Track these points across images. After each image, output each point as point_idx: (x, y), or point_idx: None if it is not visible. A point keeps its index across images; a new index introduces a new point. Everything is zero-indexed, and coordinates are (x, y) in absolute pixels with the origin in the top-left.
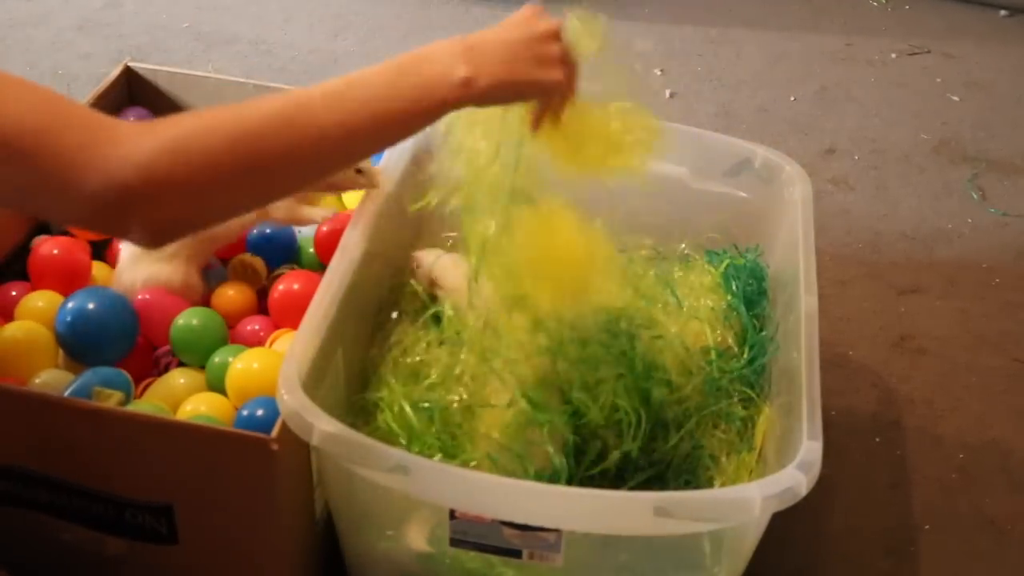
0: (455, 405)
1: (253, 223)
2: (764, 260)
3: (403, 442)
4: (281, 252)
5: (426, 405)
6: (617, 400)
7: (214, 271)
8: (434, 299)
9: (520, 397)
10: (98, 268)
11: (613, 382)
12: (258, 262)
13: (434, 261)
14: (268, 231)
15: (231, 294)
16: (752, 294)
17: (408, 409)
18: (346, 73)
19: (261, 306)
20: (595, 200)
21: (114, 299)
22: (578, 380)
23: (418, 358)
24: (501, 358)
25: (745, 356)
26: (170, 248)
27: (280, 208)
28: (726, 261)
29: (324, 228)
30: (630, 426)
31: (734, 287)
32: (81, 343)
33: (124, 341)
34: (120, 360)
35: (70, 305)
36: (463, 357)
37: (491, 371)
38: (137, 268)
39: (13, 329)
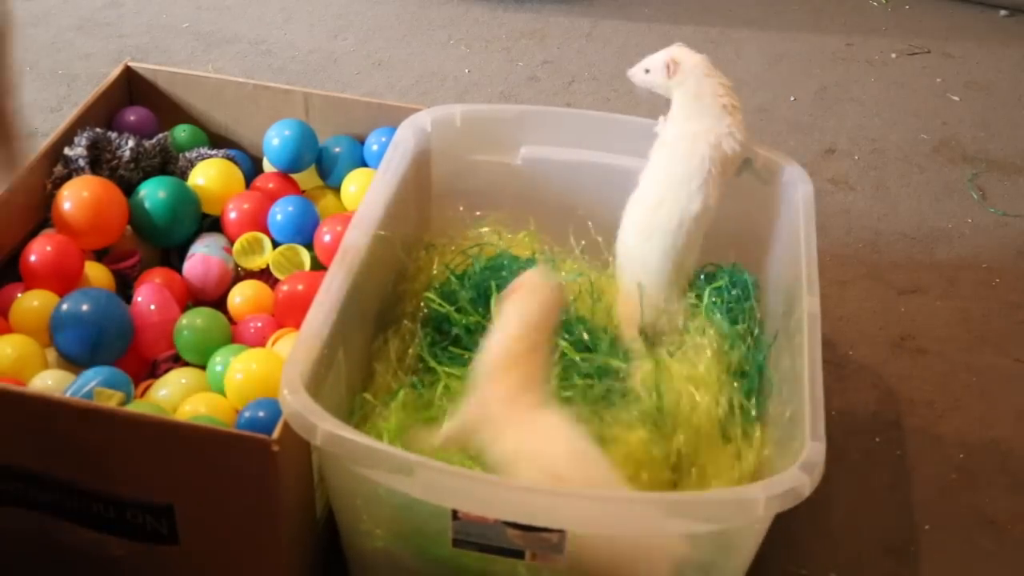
0: None
1: None
2: (745, 266)
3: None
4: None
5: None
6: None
7: None
8: None
9: None
10: (91, 268)
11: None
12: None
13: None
14: (291, 208)
15: (249, 294)
16: (735, 300)
17: None
18: (345, 73)
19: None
20: (596, 200)
21: (108, 301)
22: None
23: None
24: None
25: (736, 359)
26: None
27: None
28: (701, 276)
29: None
30: None
31: (708, 296)
32: (76, 345)
33: (119, 343)
34: (114, 362)
35: (64, 307)
36: None
37: None
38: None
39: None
